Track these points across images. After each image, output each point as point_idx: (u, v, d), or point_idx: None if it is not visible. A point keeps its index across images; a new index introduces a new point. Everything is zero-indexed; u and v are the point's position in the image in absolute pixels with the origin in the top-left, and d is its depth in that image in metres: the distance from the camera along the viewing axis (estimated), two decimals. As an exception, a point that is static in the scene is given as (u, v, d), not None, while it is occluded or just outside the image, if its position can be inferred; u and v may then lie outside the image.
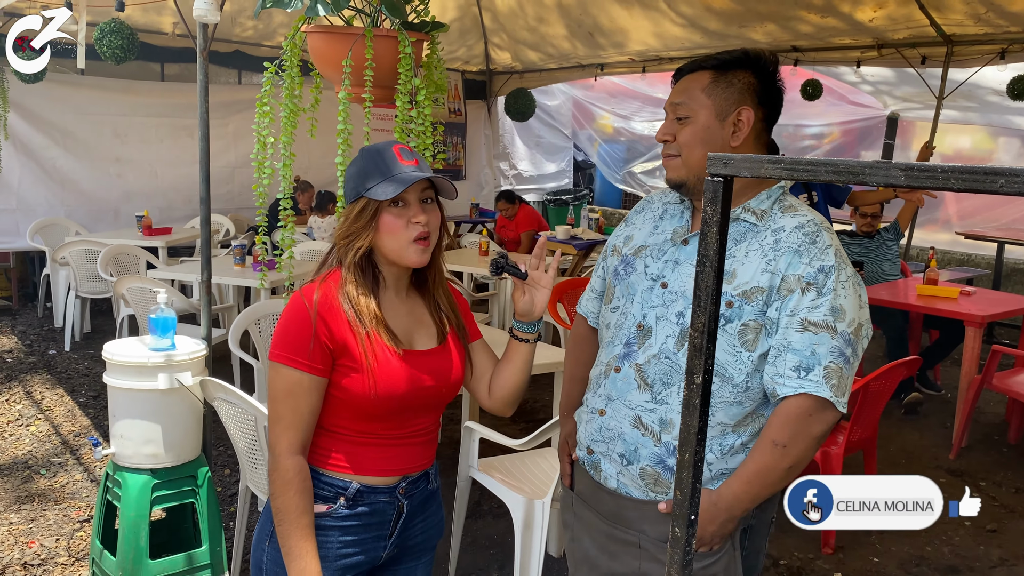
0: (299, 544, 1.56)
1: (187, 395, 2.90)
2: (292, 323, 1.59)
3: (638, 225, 1.84)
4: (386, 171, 1.56)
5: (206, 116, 2.93)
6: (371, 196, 1.55)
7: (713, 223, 1.11)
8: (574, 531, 1.89)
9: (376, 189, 1.55)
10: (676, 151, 1.70)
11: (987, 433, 5.01)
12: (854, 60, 6.71)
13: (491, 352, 1.83)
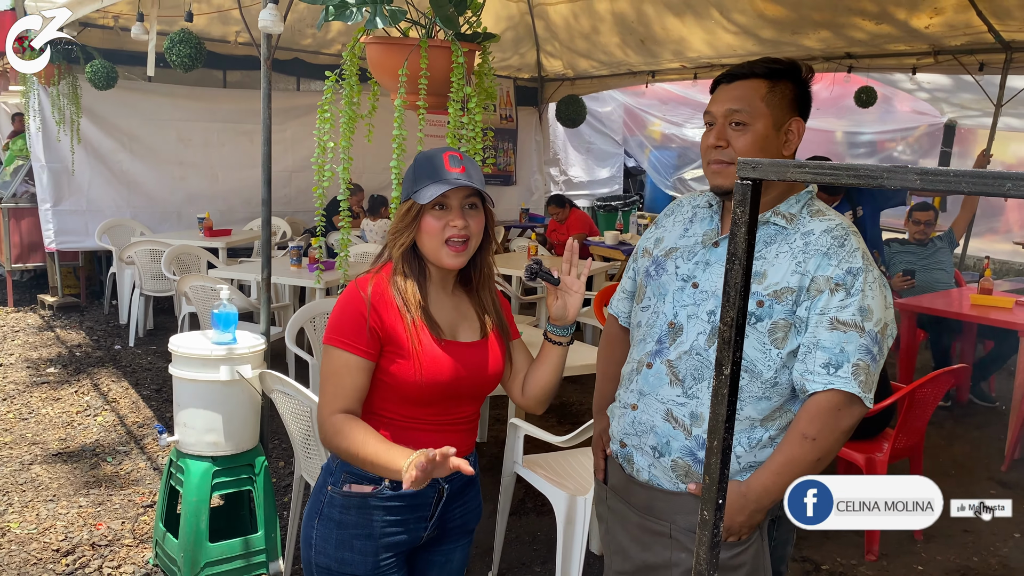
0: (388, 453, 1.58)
1: (246, 387, 3.05)
2: (346, 310, 1.70)
3: (668, 228, 1.91)
4: (433, 176, 1.66)
5: (268, 122, 3.07)
6: (416, 199, 1.66)
7: (742, 224, 1.19)
8: (608, 523, 1.97)
9: (421, 192, 1.65)
10: (729, 158, 1.72)
11: (1042, 446, 4.91)
12: (910, 67, 6.63)
13: (527, 352, 1.92)
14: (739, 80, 1.76)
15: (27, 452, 4.35)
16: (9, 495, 3.85)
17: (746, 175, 1.18)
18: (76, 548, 3.39)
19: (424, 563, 1.90)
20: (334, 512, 1.76)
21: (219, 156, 8.03)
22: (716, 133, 1.75)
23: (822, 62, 7.11)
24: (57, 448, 4.41)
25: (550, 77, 9.58)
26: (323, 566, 1.76)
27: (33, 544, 3.41)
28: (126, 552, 3.37)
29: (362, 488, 1.74)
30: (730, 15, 6.61)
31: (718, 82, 1.81)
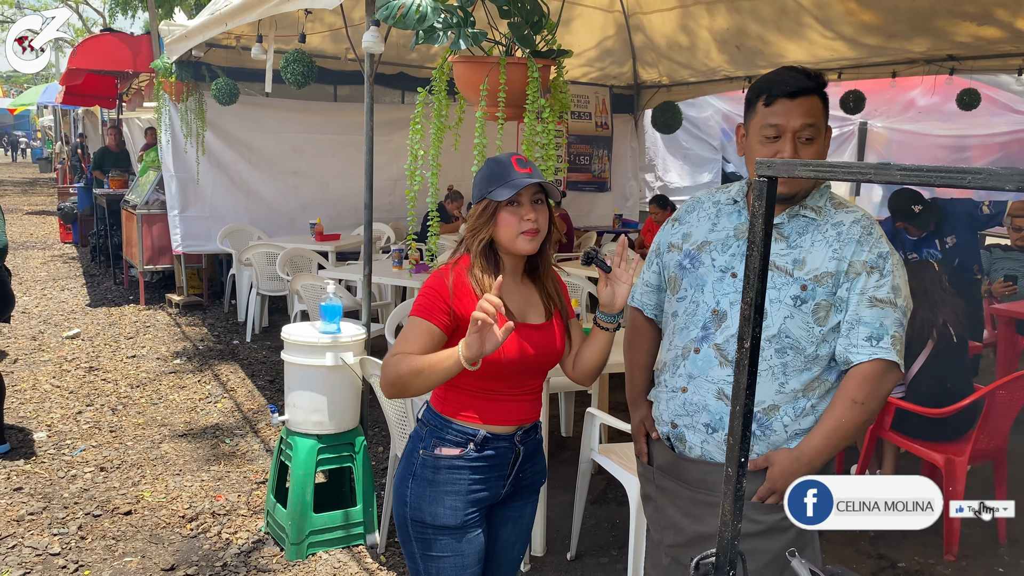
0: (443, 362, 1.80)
1: (349, 372, 3.37)
2: (431, 290, 1.96)
3: (694, 224, 2.07)
4: (505, 177, 1.90)
5: (371, 133, 3.39)
6: (492, 197, 1.90)
7: (759, 215, 1.39)
8: (657, 502, 2.12)
9: (497, 192, 1.89)
10: None
11: None
12: (1015, 68, 6.46)
13: (580, 331, 2.15)
14: (802, 96, 1.88)
15: (157, 432, 4.83)
16: (142, 468, 4.31)
17: (763, 173, 1.38)
18: (199, 516, 3.79)
19: (500, 519, 2.13)
20: (426, 472, 2.00)
21: (330, 166, 8.53)
22: (791, 147, 1.87)
23: (923, 65, 6.99)
24: (183, 430, 4.88)
25: (646, 85, 9.70)
26: (418, 520, 2.02)
27: (163, 511, 3.83)
28: (241, 521, 3.75)
29: (451, 451, 1.99)
30: (831, 26, 6.61)
31: (776, 95, 1.89)
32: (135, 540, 3.57)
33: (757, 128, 1.94)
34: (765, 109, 1.92)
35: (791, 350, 1.88)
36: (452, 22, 2.21)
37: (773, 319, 1.89)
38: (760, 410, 1.91)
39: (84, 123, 20.03)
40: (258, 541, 3.58)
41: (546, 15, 2.41)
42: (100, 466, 4.32)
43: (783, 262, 1.91)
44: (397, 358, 1.88)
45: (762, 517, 1.91)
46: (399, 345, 1.93)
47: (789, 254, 1.91)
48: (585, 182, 9.89)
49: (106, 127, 13.53)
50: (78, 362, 6.18)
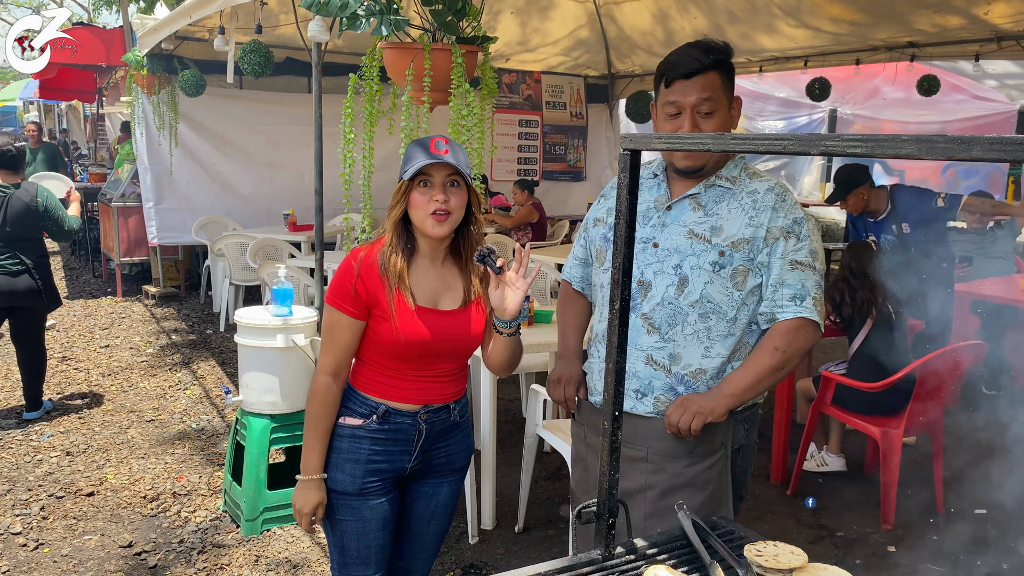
0: (310, 442, 2.05)
1: (300, 354, 3.46)
2: (340, 275, 2.03)
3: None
4: (420, 157, 1.97)
5: (319, 120, 3.48)
6: (404, 177, 1.98)
7: (624, 186, 1.49)
8: (588, 461, 2.23)
9: (408, 170, 1.97)
10: None
11: (1093, 432, 4.87)
12: (972, 54, 6.57)
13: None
14: (697, 75, 1.99)
15: (125, 419, 4.92)
16: (108, 452, 4.40)
17: (626, 146, 1.48)
18: (160, 496, 3.89)
19: (413, 492, 2.21)
20: (332, 440, 2.10)
21: (305, 157, 8.52)
22: (689, 122, 1.99)
23: (884, 52, 7.10)
24: (151, 416, 4.97)
25: (620, 75, 9.78)
26: None
27: (124, 492, 3.93)
28: (201, 500, 3.85)
29: (353, 420, 2.07)
30: (798, 15, 6.71)
31: (672, 77, 2.01)
32: (96, 520, 3.66)
33: (661, 107, 2.05)
34: (666, 90, 2.03)
35: (713, 315, 1.98)
36: (375, 9, 2.30)
37: (695, 285, 1.98)
38: (688, 373, 2.01)
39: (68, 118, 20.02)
40: (216, 519, 3.67)
41: (469, 2, 2.49)
42: (66, 451, 4.41)
43: (701, 230, 2.00)
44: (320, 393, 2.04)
45: (683, 469, 2.02)
46: (325, 353, 2.03)
47: (706, 221, 2.00)
48: (561, 171, 9.98)
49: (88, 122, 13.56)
50: (51, 352, 6.25)
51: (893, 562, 3.43)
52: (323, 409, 2.05)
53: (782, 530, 3.67)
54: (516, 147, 9.66)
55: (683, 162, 2.05)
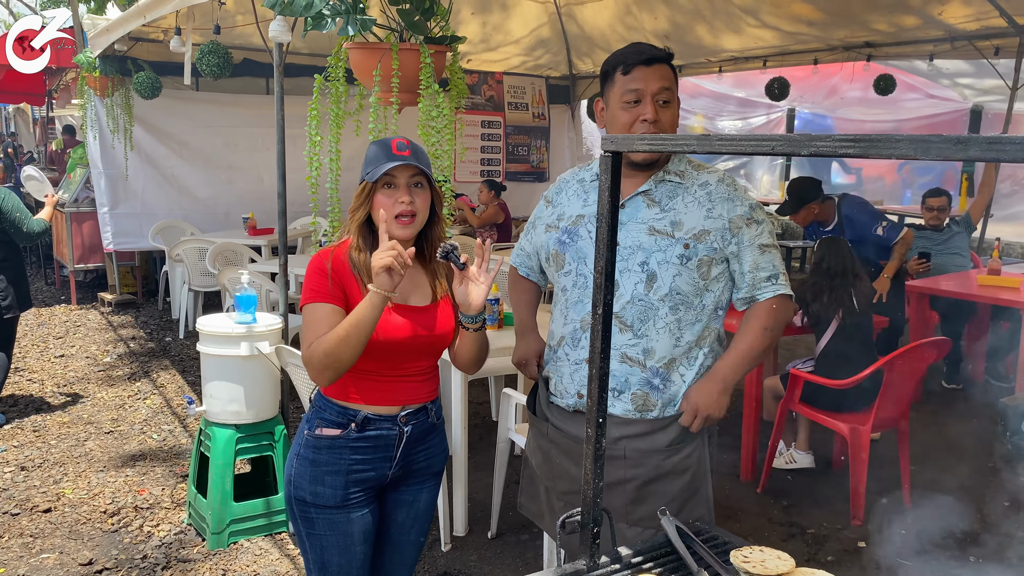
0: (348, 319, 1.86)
1: (265, 361, 3.38)
2: (313, 275, 1.98)
3: (564, 203, 2.17)
4: (383, 159, 1.94)
5: (282, 123, 3.40)
6: (368, 179, 1.94)
7: (606, 189, 1.46)
8: (550, 453, 2.20)
9: (372, 172, 1.93)
10: (660, 131, 2.00)
11: (1050, 423, 4.97)
12: (927, 54, 6.69)
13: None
14: (658, 64, 2.02)
15: (83, 431, 4.77)
16: (65, 467, 4.26)
17: (608, 148, 1.45)
18: (121, 510, 3.77)
19: (393, 502, 2.16)
20: (308, 452, 2.03)
21: (264, 159, 8.44)
22: (651, 109, 1.99)
23: (842, 52, 7.20)
24: (109, 427, 4.84)
25: (581, 75, 9.80)
26: (300, 499, 2.05)
27: (83, 507, 3.81)
28: (164, 513, 3.74)
29: (331, 431, 2.02)
30: (759, 16, 6.77)
31: (632, 63, 2.01)
32: (54, 537, 3.54)
33: (618, 96, 2.03)
34: (624, 77, 2.02)
35: (683, 306, 2.01)
36: (340, 8, 2.25)
37: (663, 280, 1.99)
38: (660, 366, 2.03)
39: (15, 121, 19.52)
40: (180, 533, 3.57)
41: (437, 1, 2.45)
42: (21, 465, 4.27)
43: (661, 225, 2.01)
44: (316, 343, 1.89)
45: (662, 462, 2.05)
46: (308, 336, 1.93)
47: (665, 217, 2.02)
48: (524, 172, 9.96)
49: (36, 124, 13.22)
50: (3, 363, 6.06)
51: (864, 558, 3.46)
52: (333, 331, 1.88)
53: (754, 528, 3.68)
54: (479, 148, 9.63)
55: (641, 154, 2.05)
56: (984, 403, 5.35)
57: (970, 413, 5.22)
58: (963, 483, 4.15)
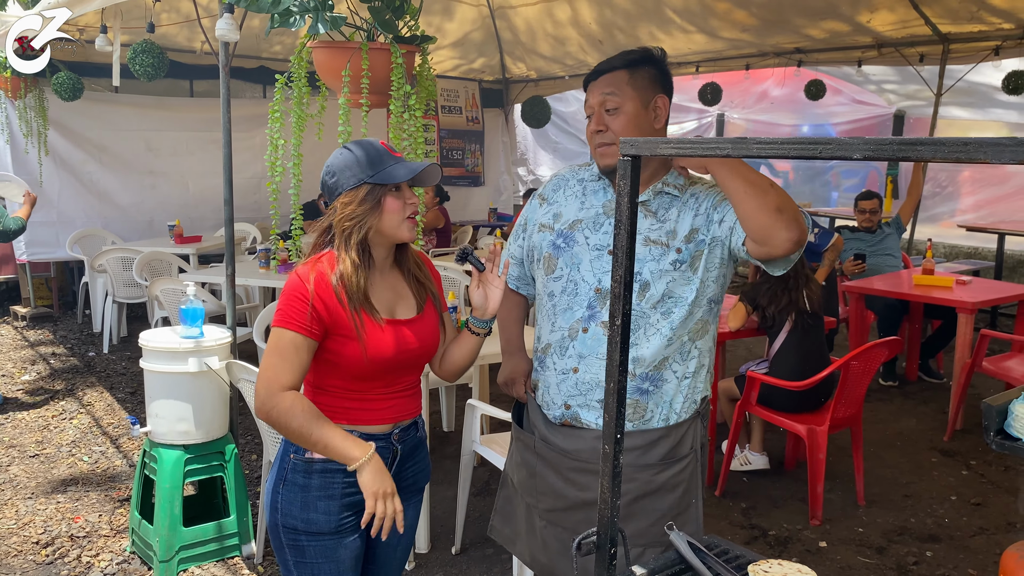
0: (331, 435, 1.79)
1: (214, 377, 3.20)
2: (292, 295, 1.84)
3: (562, 203, 2.11)
4: (387, 160, 1.84)
5: (228, 126, 3.23)
6: (379, 181, 1.82)
7: (625, 194, 1.39)
8: (536, 468, 2.12)
9: (382, 175, 1.82)
10: (611, 139, 1.96)
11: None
12: (855, 60, 6.89)
13: (450, 326, 2.11)
14: (604, 75, 2.00)
15: (4, 455, 4.46)
16: (-12, 495, 3.97)
17: (626, 152, 1.38)
18: (55, 540, 3.52)
19: None
20: (298, 477, 1.90)
21: (188, 165, 8.14)
22: (595, 120, 1.98)
23: (773, 57, 7.35)
24: (34, 450, 4.53)
25: (514, 79, 9.77)
26: (290, 527, 1.91)
27: (13, 538, 3.54)
28: (103, 542, 3.51)
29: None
30: (692, 20, 6.85)
31: (586, 83, 2.03)
32: (-19, 572, 3.27)
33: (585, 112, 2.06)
34: (585, 95, 2.05)
35: (676, 307, 1.96)
36: (309, 5, 2.12)
37: (656, 288, 1.94)
38: (651, 369, 1.97)
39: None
40: (123, 562, 3.35)
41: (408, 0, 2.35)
42: (-62, 495, 3.95)
43: (657, 236, 1.97)
44: (285, 402, 1.78)
45: (654, 476, 2.00)
46: (276, 372, 1.80)
47: (660, 227, 1.97)
48: (459, 176, 9.86)
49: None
50: (-91, 384, 5.64)
51: (826, 557, 3.49)
52: (312, 411, 1.81)
53: (717, 532, 3.67)
54: (412, 152, 9.48)
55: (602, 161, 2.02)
56: (920, 399, 5.52)
57: (909, 409, 5.37)
58: (910, 479, 4.26)
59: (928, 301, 5.20)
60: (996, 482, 4.22)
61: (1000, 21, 5.80)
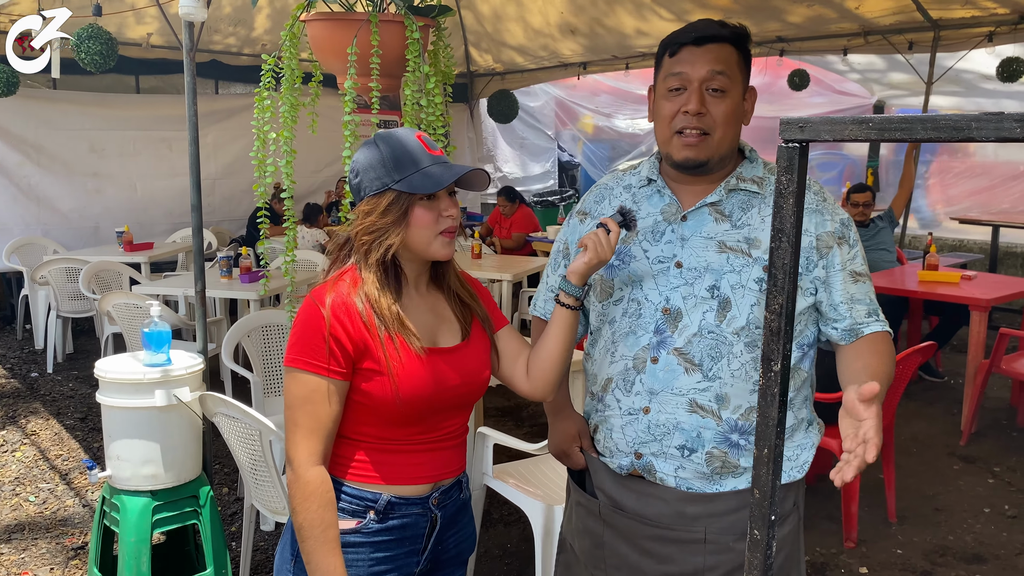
0: (326, 560, 1.47)
1: (186, 412, 2.77)
2: (307, 326, 1.48)
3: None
4: (418, 162, 1.46)
5: (195, 119, 2.79)
6: (406, 189, 1.45)
7: (789, 194, 1.02)
8: (604, 537, 1.77)
9: (411, 181, 1.44)
10: (708, 127, 1.60)
11: (995, 418, 4.95)
12: (841, 48, 6.67)
13: (521, 336, 1.73)
14: (711, 43, 1.62)
15: (-63, 497, 3.94)
16: (-82, 547, 3.46)
17: (792, 136, 1.01)
18: (-1, 602, 3.05)
19: None
20: None
21: (136, 166, 7.60)
22: (695, 99, 1.59)
23: (754, 47, 7.08)
24: (-28, 490, 4.02)
25: (480, 72, 9.40)
26: None
27: (-51, 601, 3.06)
28: (57, 602, 3.05)
29: (345, 523, 1.52)
30: (668, 4, 6.55)
31: (680, 43, 1.63)
32: (-89, 648, 2.79)
33: (662, 82, 1.66)
34: (670, 60, 1.65)
35: (761, 342, 1.58)
36: (307, -33, 1.73)
37: (740, 308, 1.60)
38: (738, 417, 1.62)
39: None
40: (81, 627, 2.90)
41: (421, -36, 1.96)
42: None
43: (734, 242, 1.63)
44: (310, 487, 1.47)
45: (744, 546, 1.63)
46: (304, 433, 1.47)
47: (738, 233, 1.64)
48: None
49: None
50: None
51: (871, 586, 3.19)
52: (328, 511, 1.48)
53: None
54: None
55: (682, 152, 1.63)
56: (925, 400, 5.30)
57: (915, 411, 5.14)
58: (937, 490, 4.00)
59: (937, 298, 4.96)
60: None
61: (995, 6, 5.60)
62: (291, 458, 1.49)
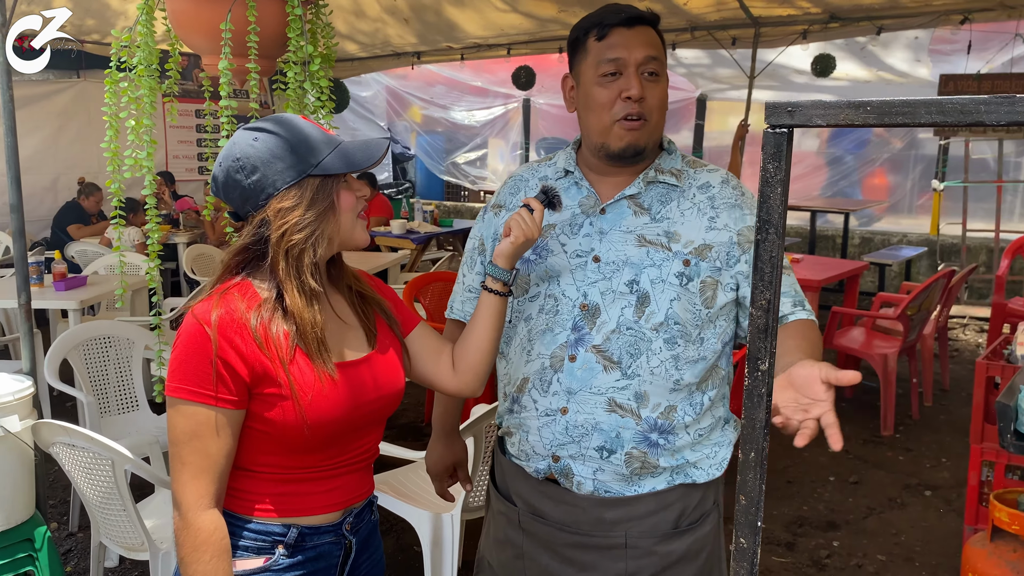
0: None
1: (15, 444, 2.40)
2: (189, 349, 1.27)
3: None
4: (327, 141, 1.30)
5: (11, 105, 2.42)
6: (332, 170, 1.29)
7: (777, 183, 0.95)
8: (523, 547, 1.69)
9: (331, 162, 1.28)
10: (646, 112, 1.53)
11: (826, 391, 5.32)
12: (670, 44, 6.91)
13: (437, 333, 1.60)
14: (641, 25, 1.56)
15: None
16: None
17: (780, 122, 0.95)
18: None
19: None
20: None
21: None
22: (635, 83, 1.51)
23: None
24: None
25: (307, 60, 9.00)
26: None
27: None
28: None
29: (250, 562, 1.34)
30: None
31: (609, 25, 1.55)
32: None
33: (592, 68, 1.56)
34: (599, 44, 1.56)
35: (681, 339, 1.55)
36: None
37: (659, 303, 1.54)
38: (659, 415, 1.56)
39: None
40: None
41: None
42: None
43: (654, 235, 1.57)
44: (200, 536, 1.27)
45: (672, 546, 1.60)
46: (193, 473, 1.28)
47: (657, 226, 1.58)
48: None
49: None
50: None
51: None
52: (223, 561, 1.29)
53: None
54: (195, 141, 8.51)
55: (624, 139, 1.56)
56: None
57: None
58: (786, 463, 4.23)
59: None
60: (862, 456, 4.30)
61: (809, 5, 5.98)
62: (179, 502, 1.29)
